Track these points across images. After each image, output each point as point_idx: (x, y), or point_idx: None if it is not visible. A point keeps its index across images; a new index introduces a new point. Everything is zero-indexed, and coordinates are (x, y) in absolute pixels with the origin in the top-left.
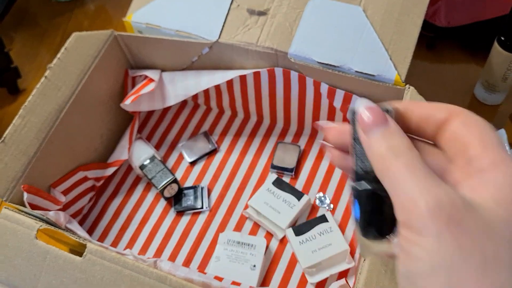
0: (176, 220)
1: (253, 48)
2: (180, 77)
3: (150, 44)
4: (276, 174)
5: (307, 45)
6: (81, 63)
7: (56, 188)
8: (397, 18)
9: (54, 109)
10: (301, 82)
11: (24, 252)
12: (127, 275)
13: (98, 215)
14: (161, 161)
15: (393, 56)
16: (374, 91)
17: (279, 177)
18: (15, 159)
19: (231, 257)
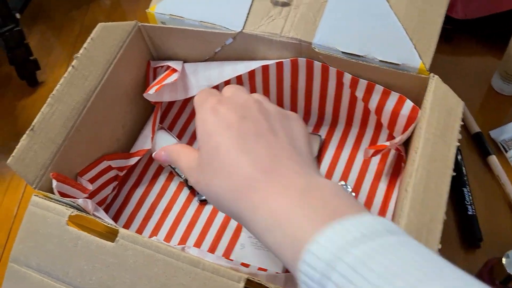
0: (200, 209)
1: (277, 39)
2: (203, 67)
3: (173, 35)
4: None
5: (331, 35)
6: (106, 53)
7: (83, 177)
8: (420, 8)
9: (82, 98)
10: (324, 72)
11: (55, 238)
12: (160, 259)
13: (122, 204)
14: None
15: (417, 45)
16: (398, 80)
17: None
18: (44, 147)
19: (256, 245)
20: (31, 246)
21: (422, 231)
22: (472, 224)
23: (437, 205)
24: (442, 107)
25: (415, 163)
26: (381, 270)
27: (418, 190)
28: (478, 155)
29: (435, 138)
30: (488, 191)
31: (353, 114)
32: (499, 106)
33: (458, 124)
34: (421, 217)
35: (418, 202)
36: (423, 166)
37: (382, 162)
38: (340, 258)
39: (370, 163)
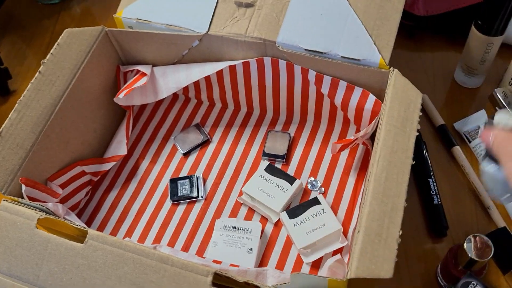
0: (173, 210)
1: (242, 39)
2: (171, 70)
3: (141, 39)
4: (268, 161)
5: (294, 34)
6: (73, 58)
7: (53, 182)
8: (378, 4)
9: (49, 103)
10: (289, 70)
11: (25, 242)
12: (129, 257)
13: (95, 208)
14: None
15: (377, 41)
16: (360, 75)
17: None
18: (12, 153)
19: (228, 242)
20: (1, 251)
21: (384, 219)
22: (438, 214)
23: (398, 194)
24: (402, 100)
25: (376, 154)
26: None
27: (380, 180)
28: (443, 146)
29: (395, 129)
30: (453, 181)
31: (320, 111)
32: (462, 99)
33: (417, 115)
34: (383, 206)
35: (380, 192)
36: (384, 157)
37: (350, 157)
38: None
39: (339, 159)
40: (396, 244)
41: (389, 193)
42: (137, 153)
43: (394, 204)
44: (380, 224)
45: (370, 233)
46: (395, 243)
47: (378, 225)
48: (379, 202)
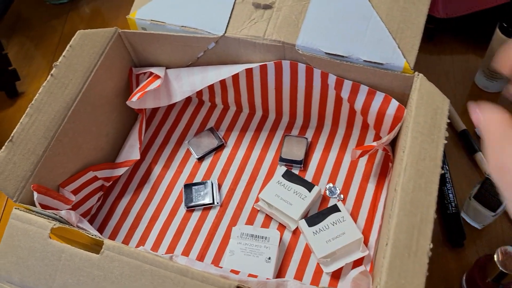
0: (187, 216)
1: (260, 42)
2: (186, 73)
3: (155, 41)
4: (285, 167)
5: (314, 37)
6: (86, 60)
7: (65, 188)
8: (402, 7)
9: (62, 107)
10: (308, 74)
11: (37, 252)
12: (147, 269)
13: (107, 214)
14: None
15: (401, 44)
16: (382, 79)
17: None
18: (23, 158)
19: (245, 251)
20: (13, 261)
21: (413, 232)
22: (453, 223)
23: (427, 204)
24: (428, 106)
25: (403, 162)
26: None
27: (407, 190)
28: (464, 152)
29: (422, 136)
30: None
31: (339, 116)
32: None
33: (444, 122)
34: (411, 217)
35: (408, 202)
36: (412, 165)
37: (369, 162)
38: None
39: (357, 164)
40: (427, 257)
41: (418, 204)
42: (149, 157)
43: (423, 215)
44: (409, 236)
45: (399, 246)
46: (425, 257)
47: (407, 238)
48: (407, 213)
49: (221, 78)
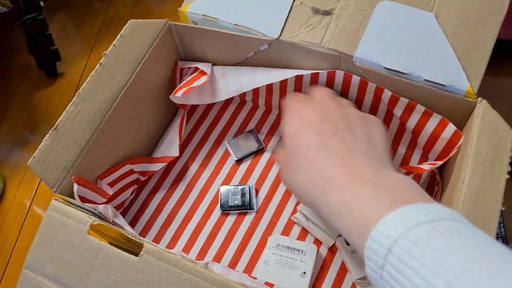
0: (221, 220)
1: (316, 49)
2: (233, 72)
3: (205, 37)
4: None
5: (374, 50)
6: (135, 51)
7: (103, 180)
8: (471, 27)
9: (108, 98)
10: (361, 87)
11: (75, 247)
12: (186, 278)
13: (139, 209)
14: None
15: (466, 67)
16: (441, 101)
17: None
18: (66, 149)
19: (280, 262)
20: (48, 253)
21: None
22: None
23: None
24: (491, 136)
25: (461, 194)
26: (439, 246)
27: None
28: None
29: (483, 168)
30: None
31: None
32: None
33: (507, 154)
34: None
35: None
36: (470, 198)
37: None
38: (403, 235)
39: None
40: None
41: None
42: (186, 154)
43: None
44: None
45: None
46: None
47: None
48: None
49: (270, 82)
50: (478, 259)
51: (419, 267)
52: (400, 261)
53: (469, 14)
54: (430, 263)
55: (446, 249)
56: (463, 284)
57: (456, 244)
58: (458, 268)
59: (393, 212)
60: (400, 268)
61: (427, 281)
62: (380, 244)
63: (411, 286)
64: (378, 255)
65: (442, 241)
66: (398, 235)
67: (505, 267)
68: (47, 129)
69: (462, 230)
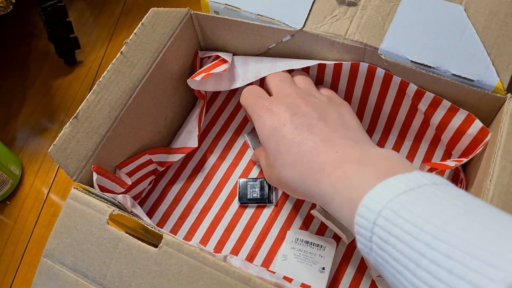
0: (240, 212)
1: (340, 41)
2: (254, 60)
3: (227, 26)
4: None
5: (400, 42)
6: (156, 40)
7: (122, 169)
8: (502, 20)
9: (128, 87)
10: (385, 80)
11: (94, 237)
12: (206, 272)
13: (157, 199)
14: None
15: (496, 62)
16: (469, 97)
17: None
18: (87, 137)
19: (299, 257)
20: (67, 242)
21: None
22: None
23: None
24: None
25: (489, 192)
26: (419, 212)
27: None
28: None
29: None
30: None
31: (408, 126)
32: None
33: None
34: None
35: None
36: (499, 198)
37: None
38: (386, 206)
39: None
40: None
41: None
42: (205, 146)
43: None
44: None
45: None
46: None
47: None
48: None
49: (291, 68)
50: (455, 218)
51: (402, 234)
52: (384, 231)
53: (500, 7)
54: (411, 228)
55: (426, 213)
56: (440, 241)
57: (435, 207)
58: (436, 229)
59: (376, 186)
60: (385, 238)
61: (410, 246)
62: (366, 219)
63: (396, 253)
64: (366, 229)
65: (422, 206)
66: (381, 207)
67: (478, 221)
68: (65, 117)
69: (440, 193)
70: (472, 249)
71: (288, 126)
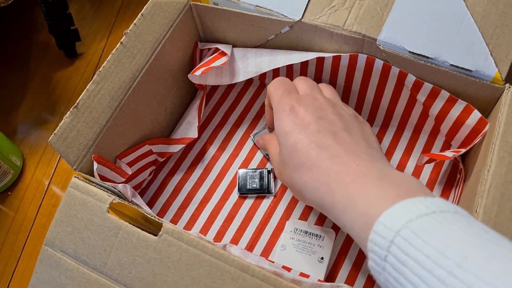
0: (239, 203)
1: (339, 32)
2: (253, 53)
3: (226, 18)
4: None
5: (398, 33)
6: (156, 31)
7: (122, 159)
8: (501, 11)
9: (128, 78)
10: (384, 71)
11: (94, 226)
12: (206, 260)
13: (157, 190)
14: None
15: (494, 52)
16: (467, 87)
17: None
18: (87, 127)
19: (298, 247)
20: (68, 231)
21: None
22: None
23: (511, 232)
24: None
25: (486, 182)
26: (441, 236)
27: (490, 214)
28: None
29: (510, 157)
30: None
31: (408, 118)
32: None
33: None
34: None
35: (490, 227)
36: (496, 188)
37: (435, 170)
38: (405, 226)
39: (422, 171)
40: None
41: (500, 230)
42: (205, 137)
43: None
44: None
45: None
46: None
47: None
48: None
49: (290, 63)
50: (478, 246)
51: (421, 257)
52: (402, 252)
53: None
54: (432, 253)
55: (448, 239)
56: (463, 270)
57: (457, 234)
58: (459, 256)
59: (395, 205)
60: (403, 259)
61: (429, 271)
62: (383, 237)
63: (413, 276)
64: (381, 248)
65: (444, 231)
66: (400, 226)
67: (502, 252)
68: (65, 109)
69: (463, 221)
70: (495, 281)
71: (312, 127)
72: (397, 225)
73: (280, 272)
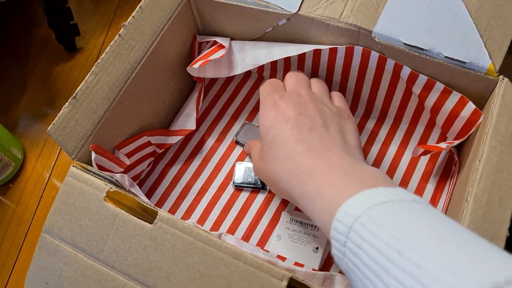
0: (236, 194)
1: (335, 24)
2: (251, 46)
3: (224, 11)
4: None
5: (394, 25)
6: (154, 24)
7: (120, 150)
8: (495, 3)
9: (126, 69)
10: (380, 63)
11: (92, 214)
12: (199, 247)
13: (156, 181)
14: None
15: (488, 44)
16: (462, 79)
17: None
18: (85, 117)
19: (293, 237)
20: (66, 218)
21: None
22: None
23: (500, 220)
24: (511, 114)
25: (478, 172)
26: (395, 222)
27: (480, 202)
28: None
29: (502, 147)
30: None
31: (404, 110)
32: None
33: None
34: (482, 232)
35: (480, 215)
36: (487, 176)
37: (431, 162)
38: (364, 213)
39: (417, 163)
40: None
41: (490, 218)
42: (203, 129)
43: (495, 231)
44: None
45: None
46: None
47: None
48: (477, 227)
49: (287, 56)
50: (430, 232)
51: (375, 241)
52: (359, 237)
53: None
54: (386, 236)
55: (402, 224)
56: (413, 251)
57: (412, 220)
58: (410, 239)
59: (357, 194)
60: (359, 243)
61: (381, 253)
62: (344, 223)
63: (368, 259)
64: (341, 234)
65: (399, 217)
66: (360, 213)
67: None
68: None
69: (419, 209)
70: (441, 261)
71: (291, 122)
72: (357, 212)
73: (275, 261)
